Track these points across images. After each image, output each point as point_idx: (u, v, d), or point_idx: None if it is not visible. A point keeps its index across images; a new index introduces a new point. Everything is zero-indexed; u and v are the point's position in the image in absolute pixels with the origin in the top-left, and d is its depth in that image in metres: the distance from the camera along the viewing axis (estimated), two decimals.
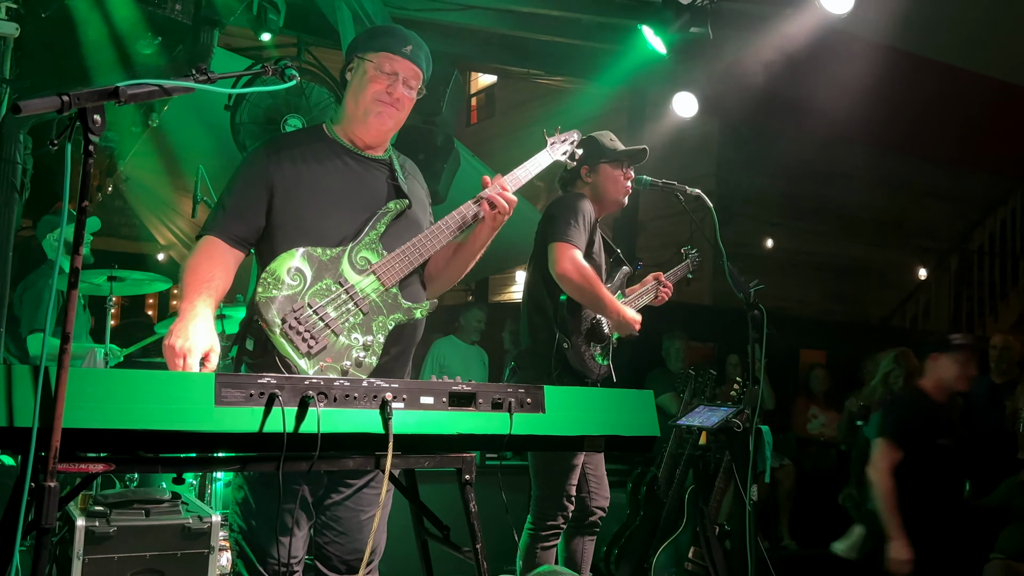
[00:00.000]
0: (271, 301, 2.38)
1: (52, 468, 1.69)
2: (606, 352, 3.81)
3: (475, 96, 14.28)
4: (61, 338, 1.72)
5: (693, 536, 4.58)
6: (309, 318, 2.39)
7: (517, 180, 2.76)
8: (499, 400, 2.19)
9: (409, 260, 2.56)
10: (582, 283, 3.56)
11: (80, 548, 3.18)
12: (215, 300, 2.44)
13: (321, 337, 2.39)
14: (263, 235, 2.56)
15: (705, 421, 3.73)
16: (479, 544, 2.27)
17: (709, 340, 8.41)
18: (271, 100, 5.14)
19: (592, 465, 3.89)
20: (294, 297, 2.40)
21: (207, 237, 2.52)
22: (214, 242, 2.51)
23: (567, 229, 3.63)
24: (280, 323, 2.36)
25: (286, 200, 2.53)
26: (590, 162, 3.82)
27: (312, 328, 2.39)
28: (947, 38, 7.72)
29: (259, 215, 2.54)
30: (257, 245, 2.58)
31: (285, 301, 2.39)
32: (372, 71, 2.60)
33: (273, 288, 2.39)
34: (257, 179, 2.55)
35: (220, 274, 2.47)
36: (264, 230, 2.55)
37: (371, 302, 2.49)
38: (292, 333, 2.36)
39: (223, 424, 1.89)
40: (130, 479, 4.23)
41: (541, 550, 3.75)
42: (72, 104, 1.77)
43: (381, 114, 2.62)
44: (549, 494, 3.74)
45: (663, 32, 5.63)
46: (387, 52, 2.61)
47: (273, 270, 2.42)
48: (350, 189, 2.60)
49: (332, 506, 2.62)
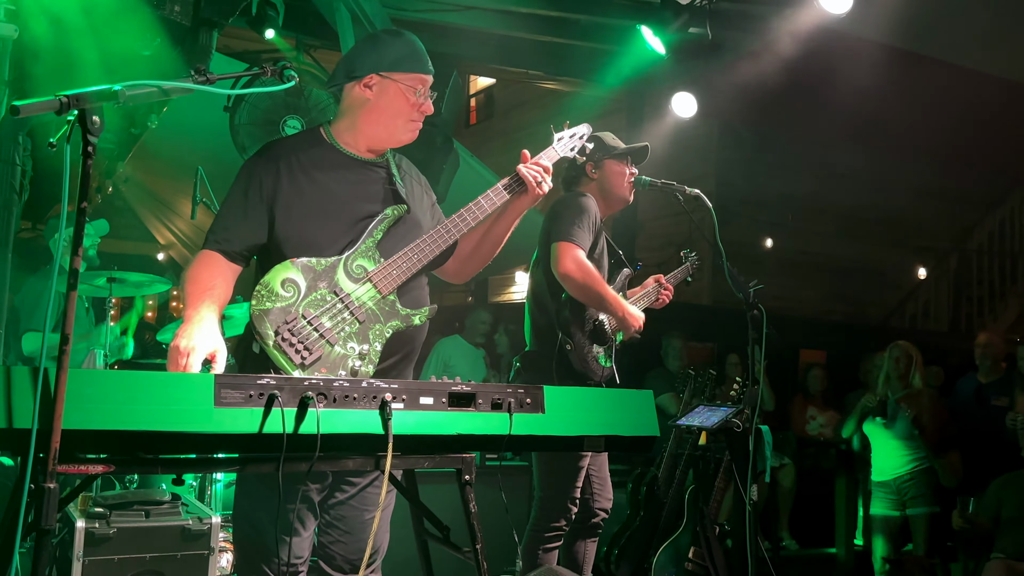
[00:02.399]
0: (265, 314, 2.38)
1: (52, 469, 1.70)
2: (609, 354, 3.80)
3: (474, 97, 14.28)
4: (60, 339, 1.72)
5: (693, 536, 4.58)
6: (303, 329, 2.39)
7: None
8: (498, 400, 2.19)
9: (408, 266, 2.55)
10: (585, 282, 3.54)
11: (80, 549, 3.18)
12: (219, 307, 2.44)
13: (315, 348, 2.39)
14: (265, 247, 2.56)
15: (705, 421, 3.72)
16: (479, 544, 2.27)
17: (708, 340, 8.40)
18: (270, 101, 5.15)
19: (596, 467, 3.88)
20: (288, 309, 2.40)
21: (205, 252, 2.53)
22: (213, 256, 2.52)
23: (571, 228, 3.62)
24: (273, 335, 2.36)
25: (287, 216, 2.53)
26: (594, 158, 3.82)
27: (306, 339, 2.38)
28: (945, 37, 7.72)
29: (258, 231, 2.54)
30: (259, 256, 2.59)
31: (279, 313, 2.39)
32: (405, 93, 2.61)
33: (267, 300, 2.39)
34: (257, 193, 2.54)
35: (220, 283, 2.48)
36: (266, 242, 2.55)
37: (367, 310, 2.48)
38: (285, 345, 2.36)
39: (223, 425, 1.89)
40: (130, 480, 4.23)
41: (543, 551, 3.74)
42: (71, 105, 1.77)
43: (414, 131, 2.68)
44: (553, 496, 3.74)
45: (662, 32, 5.63)
46: (419, 74, 2.63)
47: (267, 282, 2.42)
48: (349, 197, 2.59)
49: (336, 506, 2.62)
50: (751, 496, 3.38)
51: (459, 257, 2.80)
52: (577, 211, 3.68)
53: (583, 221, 3.65)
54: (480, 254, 2.81)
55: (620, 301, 3.67)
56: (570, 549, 3.92)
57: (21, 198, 4.24)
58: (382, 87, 2.61)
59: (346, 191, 2.60)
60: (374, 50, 2.66)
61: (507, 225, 2.76)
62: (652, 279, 4.10)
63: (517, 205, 2.73)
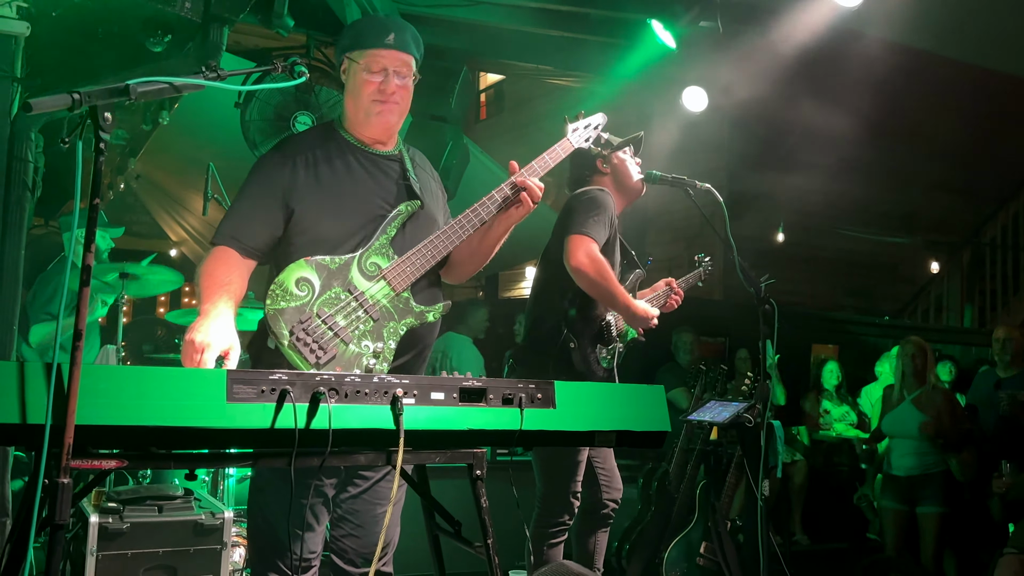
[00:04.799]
0: (279, 313, 2.38)
1: (65, 465, 1.70)
2: (612, 356, 3.80)
3: (484, 92, 14.26)
4: (74, 335, 1.73)
5: (705, 531, 4.58)
6: (317, 328, 2.39)
7: (534, 171, 2.73)
8: (509, 396, 2.18)
9: (421, 263, 2.54)
10: (596, 276, 3.51)
11: (94, 544, 3.20)
12: (235, 302, 2.44)
13: (330, 347, 2.39)
14: (279, 243, 2.56)
15: (716, 416, 3.72)
16: (491, 539, 2.27)
17: (719, 335, 8.39)
18: (281, 97, 5.15)
19: (600, 459, 3.87)
20: (302, 308, 2.40)
21: (219, 247, 2.52)
22: (228, 251, 2.51)
23: (587, 221, 3.59)
24: (288, 335, 2.36)
25: (303, 212, 2.52)
26: (603, 153, 3.81)
27: (320, 338, 2.39)
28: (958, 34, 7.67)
29: (274, 226, 2.53)
30: (273, 253, 2.58)
31: (293, 313, 2.39)
32: (361, 73, 2.57)
33: (281, 300, 2.39)
34: (272, 189, 2.54)
35: (236, 278, 2.48)
36: (280, 239, 2.55)
37: (381, 308, 2.48)
38: (300, 345, 2.36)
39: (235, 420, 1.89)
40: (143, 475, 4.25)
41: (548, 547, 3.74)
42: (83, 102, 1.78)
43: (381, 113, 2.61)
44: (553, 492, 3.73)
45: (672, 26, 5.61)
46: (372, 49, 2.57)
47: (281, 281, 2.41)
48: (363, 193, 2.59)
49: (348, 500, 2.63)
50: (763, 491, 3.37)
51: (456, 260, 2.77)
52: (594, 205, 3.66)
53: (599, 215, 3.62)
54: (478, 256, 2.79)
55: (629, 298, 3.65)
56: (581, 541, 3.91)
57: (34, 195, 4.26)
58: (348, 70, 2.62)
59: (361, 186, 2.59)
60: (345, 34, 2.68)
61: (503, 231, 2.73)
62: (663, 282, 4.08)
63: (514, 214, 2.68)
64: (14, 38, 3.94)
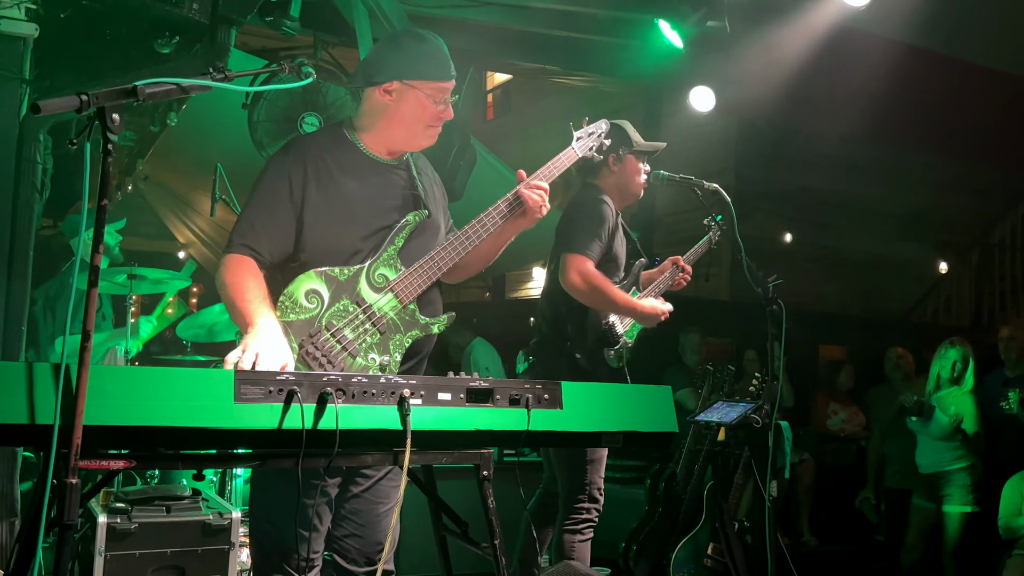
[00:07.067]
0: (288, 326, 2.38)
1: (74, 465, 1.71)
2: (620, 355, 3.80)
3: (491, 92, 14.26)
4: (81, 336, 1.74)
5: (712, 532, 4.56)
6: (326, 342, 2.40)
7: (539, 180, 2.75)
8: (516, 396, 2.19)
9: (427, 275, 2.55)
10: (591, 292, 3.58)
11: (102, 544, 3.21)
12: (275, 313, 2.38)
13: (338, 361, 2.41)
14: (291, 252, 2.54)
15: (724, 417, 3.71)
16: (498, 540, 2.27)
17: (726, 336, 8.37)
18: (288, 98, 5.16)
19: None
20: (311, 321, 2.41)
21: (236, 256, 2.47)
22: (247, 260, 2.47)
23: (582, 238, 3.62)
24: (298, 348, 2.37)
25: (313, 222, 2.51)
26: (618, 150, 3.79)
27: (329, 352, 2.40)
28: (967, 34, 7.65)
29: (287, 236, 2.51)
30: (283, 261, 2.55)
31: (303, 325, 2.40)
32: (424, 100, 2.58)
33: (291, 312, 2.40)
34: (286, 197, 2.51)
35: (266, 288, 2.44)
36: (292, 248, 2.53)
37: (388, 320, 2.49)
38: (309, 359, 2.38)
39: (242, 421, 1.90)
40: (151, 476, 4.26)
41: (578, 543, 3.72)
42: (91, 103, 1.78)
43: (433, 136, 2.67)
44: (575, 487, 3.74)
45: (680, 26, 5.60)
46: (438, 82, 2.60)
47: (291, 293, 2.42)
48: (371, 203, 2.58)
49: (350, 499, 2.63)
50: (770, 492, 3.37)
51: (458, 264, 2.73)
52: (592, 218, 3.68)
53: (597, 230, 3.65)
54: (481, 261, 2.82)
55: (632, 301, 3.66)
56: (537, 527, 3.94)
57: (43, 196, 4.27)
58: (402, 94, 2.58)
59: (369, 196, 2.58)
60: (396, 55, 2.62)
61: (503, 241, 2.76)
62: (669, 261, 4.07)
63: (518, 224, 2.71)
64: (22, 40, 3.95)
